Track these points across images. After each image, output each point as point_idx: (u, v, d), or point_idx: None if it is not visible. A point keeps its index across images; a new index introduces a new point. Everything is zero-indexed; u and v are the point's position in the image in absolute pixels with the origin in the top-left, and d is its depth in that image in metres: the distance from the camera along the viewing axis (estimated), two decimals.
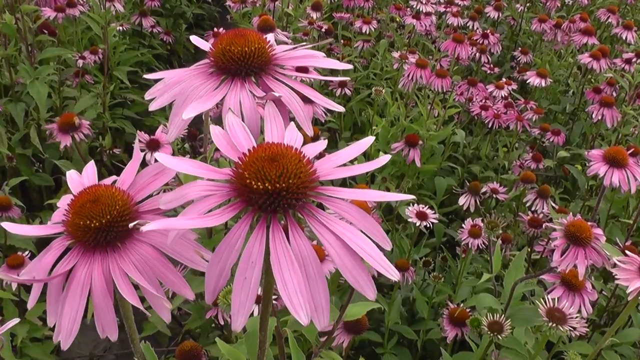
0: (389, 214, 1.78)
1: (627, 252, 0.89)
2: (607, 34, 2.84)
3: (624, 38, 2.43)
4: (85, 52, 2.16)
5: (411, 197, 0.49)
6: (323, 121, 1.55)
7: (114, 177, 0.56)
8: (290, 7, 2.33)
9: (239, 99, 0.56)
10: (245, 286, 0.42)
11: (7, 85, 1.99)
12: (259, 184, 0.43)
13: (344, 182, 1.91)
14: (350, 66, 0.64)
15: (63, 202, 0.53)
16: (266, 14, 2.07)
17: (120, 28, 2.49)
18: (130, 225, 0.46)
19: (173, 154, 1.32)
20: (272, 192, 0.43)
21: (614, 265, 0.86)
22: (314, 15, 2.35)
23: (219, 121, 0.57)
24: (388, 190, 1.71)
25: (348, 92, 2.14)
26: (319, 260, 0.44)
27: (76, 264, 0.49)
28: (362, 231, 0.45)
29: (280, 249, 0.43)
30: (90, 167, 0.58)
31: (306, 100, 1.45)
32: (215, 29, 2.23)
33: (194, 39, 0.67)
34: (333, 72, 2.38)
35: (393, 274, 0.43)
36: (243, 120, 0.54)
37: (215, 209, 0.45)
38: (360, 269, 0.43)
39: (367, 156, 1.87)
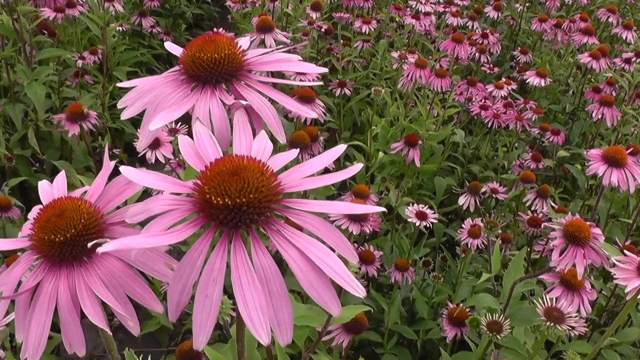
0: (388, 214, 1.78)
1: (625, 251, 0.89)
2: (607, 33, 2.84)
3: (623, 38, 2.43)
4: (85, 53, 2.16)
5: (382, 209, 0.48)
6: (322, 121, 1.55)
7: (84, 188, 0.55)
8: (289, 7, 2.33)
9: (209, 107, 0.54)
10: (207, 304, 0.41)
11: (6, 86, 1.99)
12: (219, 199, 0.42)
13: (343, 184, 1.91)
14: (325, 70, 0.62)
15: (33, 214, 0.52)
16: (265, 14, 2.07)
17: (120, 28, 2.49)
18: (89, 245, 0.45)
19: (173, 153, 1.32)
20: (233, 207, 0.42)
21: (613, 265, 0.86)
22: (314, 15, 2.35)
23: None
24: (388, 190, 1.70)
25: (347, 92, 2.14)
26: (281, 276, 0.42)
27: (42, 279, 0.48)
28: (328, 246, 0.43)
29: (241, 266, 0.42)
30: (61, 178, 0.57)
31: (306, 102, 1.45)
32: (215, 29, 2.23)
33: (168, 45, 0.65)
34: (334, 70, 2.38)
35: (359, 291, 0.42)
36: (213, 130, 0.53)
37: (178, 224, 0.44)
38: (325, 286, 0.42)
39: (367, 156, 1.87)
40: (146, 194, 0.56)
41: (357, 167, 0.49)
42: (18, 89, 1.99)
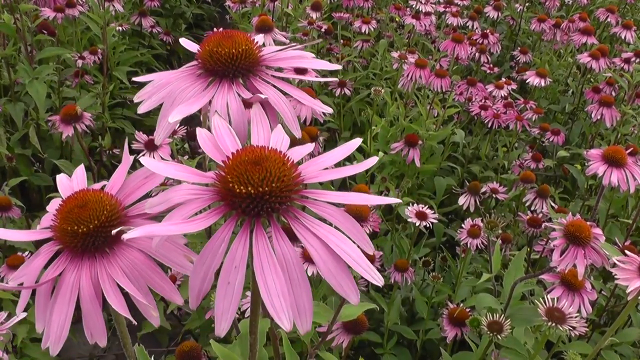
0: (388, 214, 1.78)
1: (626, 252, 0.89)
2: (606, 33, 2.84)
3: (623, 37, 2.43)
4: (85, 52, 2.16)
5: (399, 200, 0.49)
6: (322, 121, 1.55)
7: (103, 182, 0.55)
8: (289, 7, 2.33)
9: (226, 101, 0.55)
10: (229, 291, 0.42)
11: (7, 85, 1.99)
12: (242, 187, 0.43)
13: (343, 183, 1.91)
14: (339, 66, 0.63)
15: (52, 207, 0.53)
16: (265, 14, 2.07)
17: (120, 28, 2.49)
18: (113, 232, 0.46)
19: (172, 155, 1.32)
20: (255, 196, 0.43)
21: (614, 265, 0.86)
22: (314, 15, 2.35)
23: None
24: (388, 190, 1.71)
25: (347, 92, 2.14)
26: (302, 264, 0.43)
27: (64, 270, 0.48)
28: (346, 235, 0.44)
29: (263, 253, 0.43)
30: (80, 171, 0.58)
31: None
32: (215, 29, 2.23)
33: (184, 41, 0.66)
34: (332, 72, 2.39)
35: (377, 279, 0.43)
36: (230, 122, 0.54)
37: (199, 213, 0.45)
38: (344, 274, 0.43)
39: (367, 156, 1.87)
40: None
41: (372, 160, 0.50)
42: (19, 88, 1.99)
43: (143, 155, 1.34)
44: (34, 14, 2.01)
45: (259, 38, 0.61)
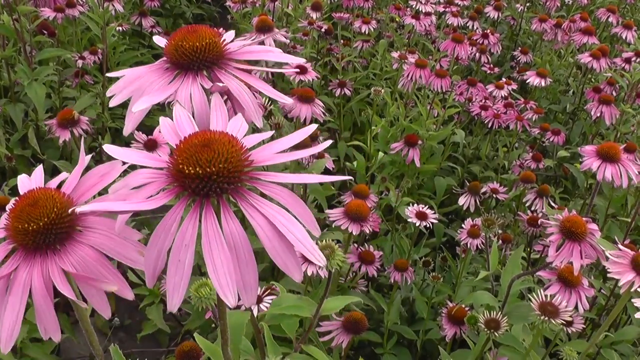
0: (388, 214, 1.78)
1: (620, 246, 0.89)
2: (607, 33, 2.84)
3: (623, 37, 2.43)
4: (85, 52, 2.16)
5: (348, 177, 0.51)
6: (322, 121, 1.55)
7: (61, 177, 0.57)
8: (289, 7, 2.33)
9: (190, 92, 0.57)
10: (179, 268, 0.44)
11: (6, 86, 1.99)
12: (190, 168, 0.45)
13: (343, 184, 1.91)
14: (302, 60, 0.65)
15: (9, 206, 0.54)
16: (265, 14, 2.07)
17: (120, 28, 2.49)
18: (70, 210, 0.48)
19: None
20: (203, 176, 0.45)
21: (607, 259, 0.86)
22: (314, 15, 2.35)
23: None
24: (388, 190, 1.70)
25: (347, 92, 2.14)
26: (249, 242, 0.45)
27: (17, 267, 0.49)
28: (294, 216, 0.46)
29: (211, 232, 0.44)
30: (39, 171, 0.59)
31: (306, 101, 1.46)
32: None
33: (156, 38, 0.68)
34: (334, 71, 2.37)
35: (319, 259, 0.45)
36: (194, 113, 0.56)
37: (155, 196, 0.46)
38: (289, 252, 0.45)
39: (367, 156, 1.87)
40: None
41: (326, 143, 0.53)
42: (18, 89, 1.99)
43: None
44: (33, 15, 2.01)
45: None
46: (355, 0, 2.61)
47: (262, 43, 1.49)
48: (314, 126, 0.54)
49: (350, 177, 0.52)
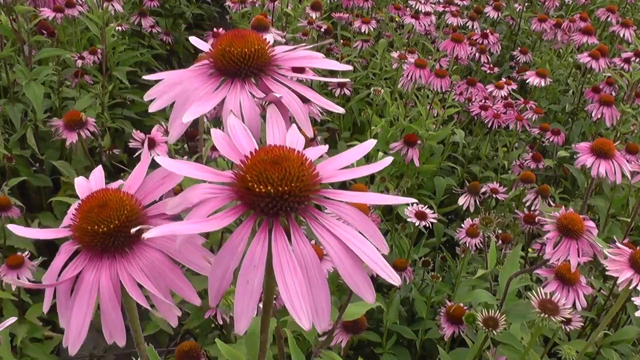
0: (388, 214, 1.78)
1: (618, 244, 0.89)
2: (606, 33, 2.84)
3: (622, 36, 2.43)
4: (84, 52, 2.16)
5: (412, 200, 0.49)
6: (319, 120, 1.55)
7: (120, 181, 0.55)
8: (289, 7, 2.33)
9: (239, 100, 0.55)
10: (248, 290, 0.42)
11: (5, 86, 1.99)
12: (261, 187, 0.43)
13: (343, 184, 1.91)
14: (350, 67, 0.63)
15: (72, 209, 0.53)
16: (264, 14, 2.07)
17: (120, 28, 2.49)
18: (133, 230, 0.45)
19: (169, 154, 1.32)
20: (275, 195, 0.43)
21: (605, 257, 0.87)
22: (313, 15, 2.35)
23: (216, 122, 0.57)
24: (387, 190, 1.70)
25: (347, 92, 2.14)
26: (320, 264, 0.43)
27: (83, 269, 0.48)
28: (362, 235, 0.44)
29: (282, 253, 0.43)
30: (98, 172, 0.57)
31: (304, 99, 1.45)
32: (215, 29, 2.23)
33: (194, 39, 0.66)
34: (332, 72, 2.39)
35: (394, 280, 0.43)
36: (243, 121, 0.54)
37: (217, 212, 0.44)
38: (361, 274, 0.43)
39: (366, 157, 1.87)
40: None
41: (388, 160, 0.51)
42: (17, 88, 1.99)
43: (140, 153, 1.34)
44: (32, 15, 2.01)
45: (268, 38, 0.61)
46: (355, 0, 2.61)
47: None
48: (373, 142, 0.53)
49: (413, 200, 0.50)
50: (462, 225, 1.45)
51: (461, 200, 1.62)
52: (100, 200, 0.49)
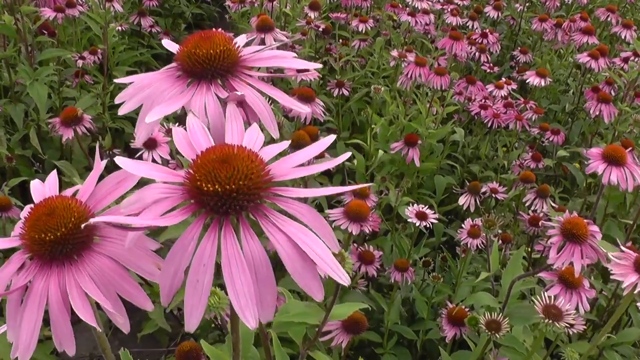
0: (388, 214, 1.78)
1: (622, 247, 0.89)
2: (606, 33, 2.84)
3: (622, 37, 2.43)
4: (85, 53, 2.16)
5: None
6: (322, 120, 1.56)
7: (76, 187, 0.55)
8: (288, 6, 2.33)
9: (204, 102, 0.55)
10: (198, 289, 0.42)
11: (7, 86, 1.99)
12: (209, 185, 0.43)
13: (343, 183, 1.91)
14: (319, 65, 0.63)
15: (24, 213, 0.52)
16: (264, 14, 2.07)
17: (119, 28, 2.49)
18: (83, 225, 0.46)
19: (170, 154, 1.32)
20: (222, 193, 0.43)
21: (610, 261, 0.87)
22: (312, 14, 2.34)
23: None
24: (387, 189, 1.70)
25: (346, 92, 2.14)
26: (269, 262, 0.43)
27: (34, 278, 0.48)
28: (315, 233, 0.44)
29: (231, 251, 0.43)
30: (52, 177, 0.57)
31: (306, 101, 1.45)
32: (214, 29, 2.23)
33: (165, 42, 0.65)
34: (332, 71, 2.37)
35: (343, 279, 0.43)
36: (209, 124, 0.54)
37: (171, 211, 0.45)
38: (311, 272, 0.43)
39: (366, 155, 1.87)
40: None
41: (345, 156, 0.51)
42: (19, 89, 1.99)
43: (142, 153, 1.34)
44: (35, 15, 2.01)
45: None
46: (354, 0, 2.61)
47: (262, 42, 1.49)
48: (333, 137, 0.52)
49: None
50: (463, 225, 1.45)
51: (461, 200, 1.62)
52: (48, 208, 0.49)
